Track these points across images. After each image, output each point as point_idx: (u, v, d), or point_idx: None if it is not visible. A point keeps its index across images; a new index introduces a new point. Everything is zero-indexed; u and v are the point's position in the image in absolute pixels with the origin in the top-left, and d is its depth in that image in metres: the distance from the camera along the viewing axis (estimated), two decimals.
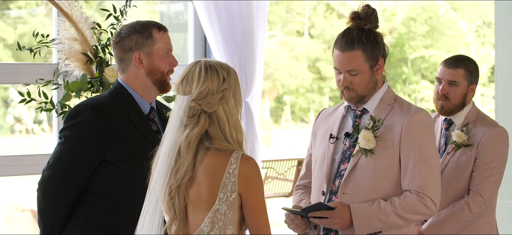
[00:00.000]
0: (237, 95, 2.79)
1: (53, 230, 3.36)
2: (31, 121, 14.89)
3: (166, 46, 3.42)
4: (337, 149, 3.34)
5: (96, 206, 3.35)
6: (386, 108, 3.30)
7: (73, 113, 3.37)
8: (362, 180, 3.23)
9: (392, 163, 3.23)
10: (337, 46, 3.27)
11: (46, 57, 4.49)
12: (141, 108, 3.42)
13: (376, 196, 3.22)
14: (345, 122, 3.38)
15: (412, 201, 3.20)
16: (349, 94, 3.28)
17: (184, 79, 2.77)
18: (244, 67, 5.26)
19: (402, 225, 3.23)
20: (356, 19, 3.26)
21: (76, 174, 3.32)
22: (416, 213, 3.21)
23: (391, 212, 3.18)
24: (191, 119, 2.72)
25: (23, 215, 11.27)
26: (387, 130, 3.25)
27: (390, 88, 3.38)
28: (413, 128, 3.23)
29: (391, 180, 3.24)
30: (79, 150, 3.31)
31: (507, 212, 5.69)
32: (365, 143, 3.22)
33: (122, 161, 3.32)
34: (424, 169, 3.21)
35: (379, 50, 3.27)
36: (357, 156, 3.25)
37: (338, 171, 3.30)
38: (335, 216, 3.17)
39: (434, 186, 3.23)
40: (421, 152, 3.21)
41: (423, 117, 3.27)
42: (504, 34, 5.91)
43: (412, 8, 21.99)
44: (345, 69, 3.25)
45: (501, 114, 5.84)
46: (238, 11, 5.22)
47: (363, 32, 3.25)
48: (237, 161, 2.71)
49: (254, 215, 2.75)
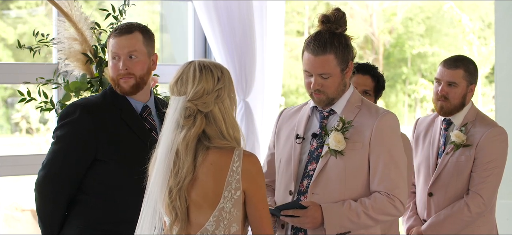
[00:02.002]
0: (231, 95, 2.79)
1: (52, 229, 3.39)
2: (37, 121, 14.90)
3: (113, 50, 3.40)
4: (304, 150, 3.35)
5: (91, 204, 3.38)
6: (354, 110, 3.33)
7: (64, 113, 3.41)
8: (331, 180, 3.26)
9: (361, 164, 3.26)
10: (309, 49, 3.27)
11: (46, 57, 4.50)
12: (133, 106, 3.44)
13: (346, 197, 3.25)
14: (311, 122, 3.40)
15: (382, 202, 3.23)
16: (319, 96, 3.30)
17: (179, 79, 2.76)
18: (244, 67, 5.27)
19: (371, 226, 3.27)
20: (327, 22, 3.28)
21: (69, 173, 3.36)
22: (385, 214, 3.25)
23: (362, 213, 3.21)
24: (187, 119, 2.72)
25: (23, 215, 11.27)
26: (356, 131, 3.28)
27: (356, 90, 3.41)
28: (383, 131, 3.26)
29: (361, 181, 3.27)
30: (71, 149, 3.35)
31: (507, 212, 5.69)
32: (336, 144, 3.25)
33: (114, 160, 3.35)
34: (394, 172, 3.25)
35: (349, 54, 3.30)
36: (326, 157, 3.27)
37: (306, 171, 3.32)
38: (307, 215, 3.20)
39: (403, 188, 3.28)
40: (390, 155, 3.25)
41: (391, 120, 3.31)
42: (504, 34, 5.91)
43: (412, 8, 21.99)
44: (317, 72, 3.26)
45: (501, 114, 5.84)
46: (238, 11, 5.23)
47: (335, 36, 3.26)
48: (240, 158, 2.71)
49: (257, 211, 2.76)
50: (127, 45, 3.38)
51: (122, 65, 3.37)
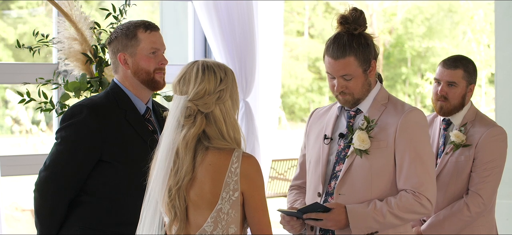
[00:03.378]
0: (234, 96, 2.79)
1: (50, 230, 3.36)
2: (30, 122, 14.88)
3: (151, 45, 3.41)
4: (332, 150, 3.34)
5: (93, 206, 3.35)
6: (380, 108, 3.30)
7: (69, 114, 3.36)
8: (357, 180, 3.23)
9: (387, 163, 3.23)
10: (328, 53, 3.26)
11: (46, 57, 4.50)
12: (137, 107, 3.43)
13: (372, 197, 3.22)
14: (339, 122, 3.38)
15: (408, 200, 3.20)
16: (345, 97, 3.29)
17: (181, 79, 2.77)
18: (244, 67, 5.27)
19: (398, 225, 3.24)
20: (345, 23, 3.25)
21: (73, 175, 3.32)
22: (412, 212, 3.21)
23: (387, 212, 3.18)
24: (187, 119, 2.72)
25: (23, 215, 11.27)
26: (381, 130, 3.25)
27: (383, 87, 3.38)
28: (408, 127, 3.23)
29: (387, 180, 3.24)
30: (76, 150, 3.31)
31: (506, 212, 5.70)
32: (360, 143, 3.23)
33: (119, 161, 3.32)
34: (420, 168, 3.21)
35: (370, 53, 3.27)
36: (352, 157, 3.25)
37: (334, 172, 3.30)
38: (330, 219, 3.18)
39: (429, 185, 3.23)
40: (416, 151, 3.22)
41: (417, 116, 3.27)
42: (504, 34, 5.91)
43: (412, 9, 21.99)
44: (339, 74, 3.25)
45: (501, 114, 5.84)
46: (238, 11, 5.23)
47: (354, 37, 3.23)
48: (239, 159, 2.71)
49: (256, 212, 2.75)
50: (163, 42, 3.46)
51: (162, 59, 3.42)
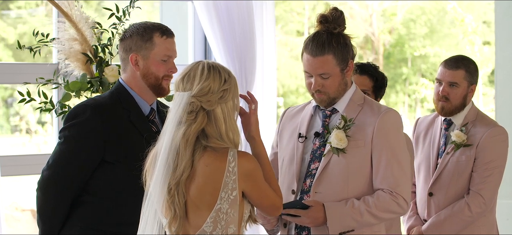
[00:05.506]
0: (235, 100, 2.81)
1: (52, 229, 3.36)
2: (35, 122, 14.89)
3: (165, 52, 3.39)
4: (307, 149, 3.36)
5: (95, 206, 3.35)
6: (356, 108, 3.33)
7: (72, 113, 3.36)
8: (334, 179, 3.25)
9: (363, 162, 3.26)
10: (307, 50, 3.28)
11: (46, 57, 4.50)
12: (141, 109, 3.42)
13: (349, 195, 3.25)
14: (313, 121, 3.40)
15: (386, 200, 3.22)
16: (321, 97, 3.31)
17: (185, 76, 2.78)
18: (244, 67, 5.27)
19: (374, 224, 3.27)
20: (325, 22, 3.28)
21: (75, 174, 3.32)
22: (389, 212, 3.24)
23: (365, 211, 3.21)
24: (189, 115, 2.73)
25: (23, 215, 11.27)
26: (359, 129, 3.27)
27: (358, 88, 3.41)
28: (385, 128, 3.26)
29: (363, 179, 3.27)
30: (79, 150, 3.31)
31: (507, 212, 5.69)
32: (337, 142, 3.25)
33: (122, 162, 3.32)
34: (396, 169, 3.24)
35: (348, 53, 3.29)
36: (328, 156, 3.27)
37: (309, 171, 3.32)
38: (309, 216, 3.20)
39: (406, 186, 3.27)
40: (393, 152, 3.24)
41: (394, 117, 3.30)
42: (504, 34, 5.91)
43: (412, 9, 21.99)
44: (317, 73, 3.27)
45: (501, 114, 5.84)
46: (238, 11, 5.23)
47: (333, 36, 3.26)
48: (235, 158, 2.73)
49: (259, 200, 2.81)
50: (175, 49, 3.44)
51: (173, 67, 3.41)
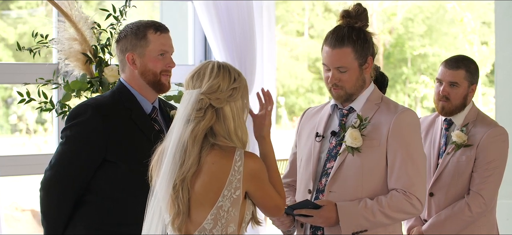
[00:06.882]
0: (245, 100, 2.82)
1: (56, 229, 3.37)
2: (34, 122, 14.89)
3: (160, 47, 3.39)
4: (323, 148, 3.36)
5: (98, 205, 3.35)
6: (373, 107, 3.32)
7: (74, 113, 3.37)
8: (348, 178, 3.25)
9: (378, 161, 3.24)
10: (327, 43, 3.28)
11: (46, 57, 4.50)
12: (143, 107, 3.42)
13: (363, 195, 3.24)
14: (331, 121, 3.40)
15: (399, 200, 3.21)
16: (337, 91, 3.30)
17: (195, 74, 2.79)
18: (244, 67, 5.27)
19: (388, 224, 3.25)
20: (347, 17, 3.28)
21: (78, 174, 3.32)
22: (402, 212, 3.23)
23: (378, 211, 3.19)
24: (198, 112, 2.73)
25: (23, 215, 11.27)
26: (374, 129, 3.26)
27: (377, 88, 3.40)
28: (400, 127, 3.24)
29: (378, 179, 3.25)
30: (81, 150, 3.31)
31: (507, 212, 5.70)
32: (352, 141, 3.24)
33: (124, 161, 3.32)
34: (411, 169, 3.22)
35: (368, 49, 3.29)
36: (343, 155, 3.27)
37: (324, 169, 3.31)
38: (320, 215, 3.19)
39: (420, 186, 3.25)
40: (408, 152, 3.23)
41: (410, 116, 3.29)
42: (504, 34, 5.91)
43: (412, 9, 22.00)
44: (335, 65, 3.26)
45: (501, 114, 5.84)
46: (238, 11, 5.23)
47: (354, 30, 3.26)
48: (241, 158, 2.73)
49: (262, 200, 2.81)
50: (172, 44, 3.44)
51: (170, 61, 3.40)
